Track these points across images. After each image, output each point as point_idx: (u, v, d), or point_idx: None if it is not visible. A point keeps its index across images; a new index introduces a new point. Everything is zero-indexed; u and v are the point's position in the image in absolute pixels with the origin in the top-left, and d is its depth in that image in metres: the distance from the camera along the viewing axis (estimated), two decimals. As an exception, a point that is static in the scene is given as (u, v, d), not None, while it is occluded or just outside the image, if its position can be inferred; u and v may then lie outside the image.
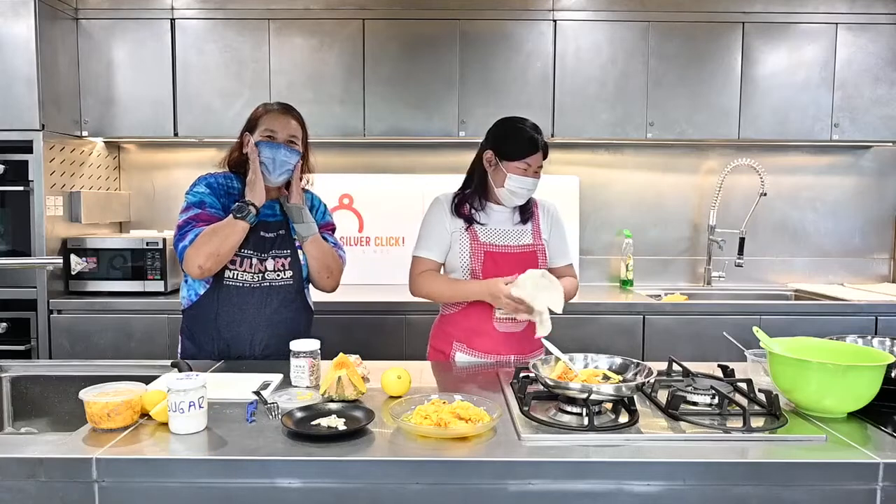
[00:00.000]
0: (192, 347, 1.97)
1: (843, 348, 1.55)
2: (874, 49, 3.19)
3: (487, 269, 1.97)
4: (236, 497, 1.18)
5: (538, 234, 2.05)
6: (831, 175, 3.57)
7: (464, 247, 2.00)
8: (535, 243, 2.03)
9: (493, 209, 2.05)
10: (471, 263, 1.98)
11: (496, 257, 1.98)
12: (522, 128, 1.99)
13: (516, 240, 2.02)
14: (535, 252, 2.02)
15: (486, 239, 2.00)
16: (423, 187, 3.46)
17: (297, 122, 1.98)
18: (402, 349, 2.84)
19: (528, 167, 1.96)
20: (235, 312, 1.91)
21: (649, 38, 3.16)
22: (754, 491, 1.18)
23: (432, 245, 2.03)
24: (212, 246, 1.79)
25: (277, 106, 1.99)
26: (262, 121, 1.94)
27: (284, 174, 1.93)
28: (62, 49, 3.01)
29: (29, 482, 1.17)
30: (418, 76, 3.15)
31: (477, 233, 2.01)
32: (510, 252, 2.00)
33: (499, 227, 2.03)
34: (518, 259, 1.99)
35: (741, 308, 2.95)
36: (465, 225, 2.01)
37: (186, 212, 1.89)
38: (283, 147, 1.90)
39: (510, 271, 1.92)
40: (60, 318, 2.89)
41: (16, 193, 2.85)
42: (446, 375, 1.84)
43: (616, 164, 3.56)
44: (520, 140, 1.97)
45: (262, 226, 1.93)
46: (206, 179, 1.96)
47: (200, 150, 3.50)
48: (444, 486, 1.18)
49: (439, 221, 2.03)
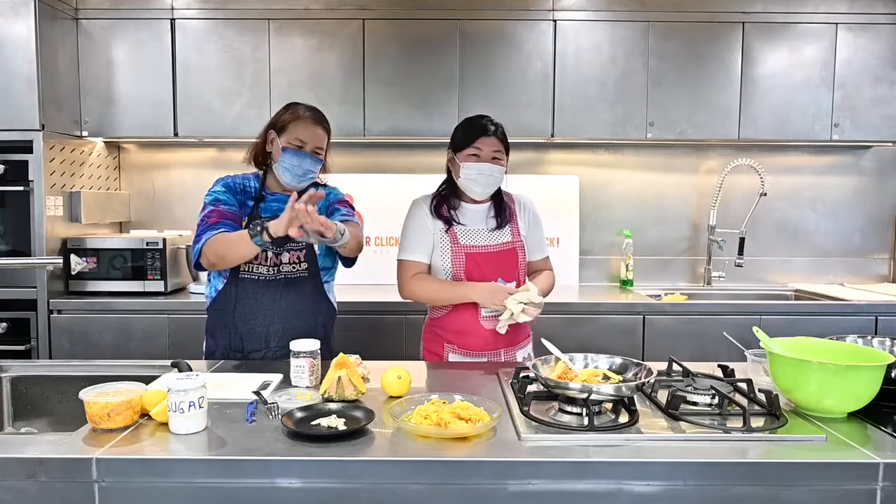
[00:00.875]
0: (213, 344, 2.00)
1: (843, 348, 1.54)
2: (874, 49, 3.19)
3: (470, 271, 1.99)
4: (236, 497, 1.18)
5: (517, 230, 2.06)
6: (831, 175, 3.57)
7: (445, 249, 2.01)
8: (513, 240, 2.05)
9: (467, 208, 2.06)
10: (452, 266, 2.00)
11: (477, 258, 2.00)
12: (471, 118, 2.03)
13: (495, 238, 2.03)
14: (515, 249, 2.04)
15: (466, 241, 2.01)
16: (423, 187, 3.45)
17: (325, 132, 2.02)
18: (402, 349, 2.83)
19: (480, 151, 1.96)
20: (251, 305, 1.94)
21: (649, 38, 3.16)
22: (754, 491, 1.18)
23: (418, 247, 2.04)
24: (220, 248, 1.83)
25: (309, 114, 1.99)
26: (293, 127, 1.96)
27: (307, 181, 1.99)
28: (62, 49, 3.01)
29: (29, 482, 1.17)
30: (418, 76, 3.15)
31: (457, 235, 2.02)
32: (490, 252, 2.01)
33: (476, 226, 2.04)
34: (498, 258, 2.01)
35: (741, 308, 2.95)
36: (444, 227, 2.02)
37: (203, 211, 1.95)
38: (309, 157, 1.95)
39: (491, 271, 1.98)
40: (60, 318, 2.89)
41: (16, 193, 2.85)
42: (446, 375, 1.84)
43: (616, 164, 3.56)
44: (466, 128, 2.01)
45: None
46: (224, 179, 2.02)
47: (200, 150, 3.50)
48: (444, 486, 1.18)
49: (421, 223, 2.05)
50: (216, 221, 1.89)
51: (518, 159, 3.53)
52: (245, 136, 3.12)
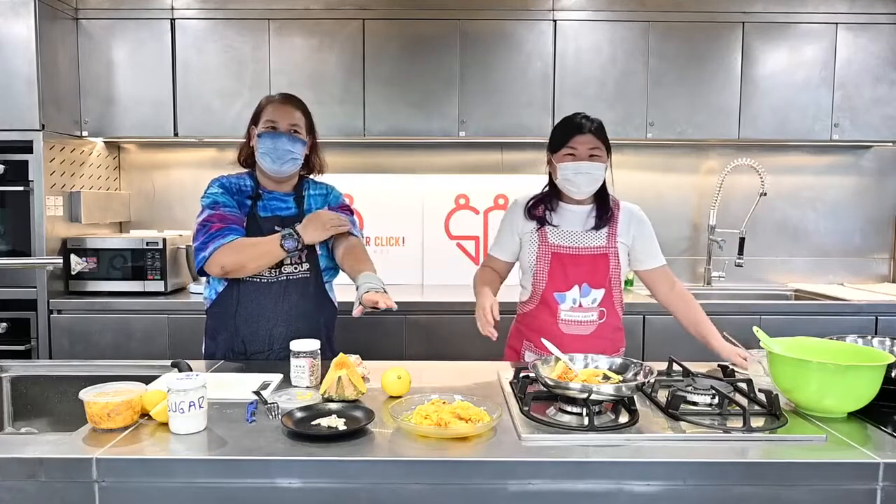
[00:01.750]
0: (212, 346, 1.99)
1: (843, 348, 1.55)
2: (874, 49, 3.19)
3: (554, 270, 1.98)
4: (236, 497, 1.18)
5: (613, 235, 2.00)
6: (831, 175, 3.57)
7: (532, 247, 2.01)
8: (607, 245, 1.98)
9: (566, 209, 2.03)
10: (535, 264, 2.00)
11: (563, 259, 1.97)
12: (566, 117, 2.01)
13: (588, 241, 1.98)
14: (608, 254, 1.98)
15: (556, 241, 1.99)
16: (423, 187, 3.47)
17: (301, 112, 1.98)
18: (402, 349, 2.83)
19: (575, 150, 1.93)
20: (253, 308, 1.92)
21: (649, 38, 3.16)
22: (754, 491, 1.18)
23: (501, 245, 2.10)
24: (242, 258, 1.82)
25: (279, 96, 2.00)
26: (265, 112, 1.96)
27: (289, 163, 1.93)
28: (62, 49, 3.01)
29: (29, 482, 1.17)
30: (418, 76, 3.15)
31: (547, 234, 2.00)
32: (580, 254, 1.98)
33: (571, 227, 2.00)
34: (588, 261, 1.97)
35: (741, 308, 2.95)
36: (536, 226, 2.01)
37: (201, 215, 1.91)
38: (285, 136, 1.91)
39: (576, 273, 1.96)
40: (60, 318, 2.89)
41: (16, 193, 2.85)
42: (446, 375, 1.84)
43: (616, 164, 3.50)
44: (561, 127, 2.00)
45: (278, 220, 1.95)
46: (220, 180, 1.99)
47: (200, 150, 3.50)
48: (443, 486, 1.18)
49: (510, 223, 2.07)
50: (221, 227, 1.85)
51: (518, 159, 3.54)
52: (245, 136, 3.14)
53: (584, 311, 1.97)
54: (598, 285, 1.98)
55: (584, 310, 1.97)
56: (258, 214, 1.95)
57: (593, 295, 1.98)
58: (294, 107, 1.97)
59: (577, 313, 1.97)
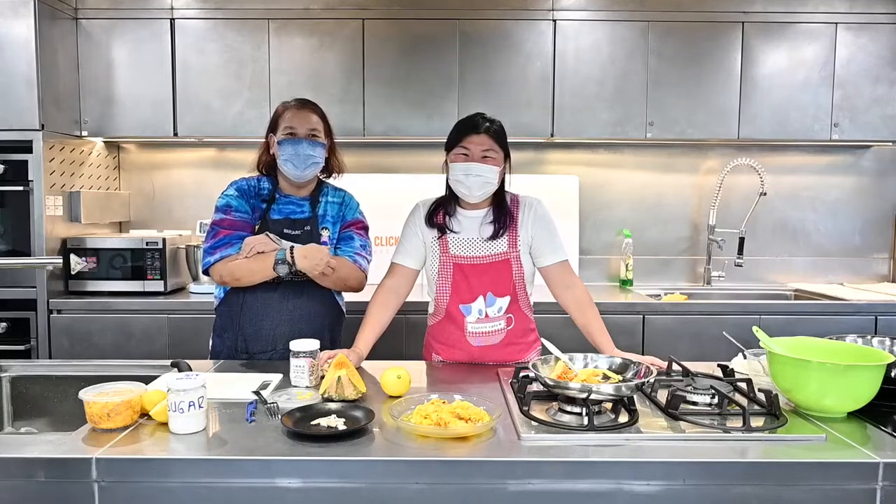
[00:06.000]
0: (219, 344, 2.01)
1: (843, 348, 1.55)
2: (874, 49, 3.19)
3: (457, 282, 1.91)
4: (236, 497, 1.18)
5: (514, 240, 1.91)
6: (831, 175, 3.57)
7: (434, 258, 1.94)
8: (508, 251, 1.91)
9: (463, 214, 1.95)
10: (439, 277, 1.93)
11: (465, 270, 1.91)
12: (466, 116, 1.93)
13: (488, 249, 1.91)
14: (510, 260, 1.91)
15: (456, 251, 1.92)
16: (423, 187, 3.42)
17: (318, 116, 2.02)
18: (402, 349, 2.83)
19: (468, 150, 1.84)
20: (258, 308, 1.95)
21: (649, 38, 3.16)
22: (754, 491, 1.18)
23: (406, 251, 1.99)
24: (238, 273, 1.89)
25: (294, 102, 2.03)
26: (282, 119, 1.99)
27: (311, 167, 1.97)
28: (62, 49, 3.01)
29: (29, 482, 1.18)
30: (418, 76, 3.15)
31: (448, 244, 1.93)
32: (481, 263, 1.91)
33: (470, 235, 1.92)
34: (490, 269, 1.90)
35: (741, 308, 2.95)
36: (437, 234, 1.94)
37: (215, 215, 1.97)
38: (305, 141, 1.94)
39: (480, 283, 1.90)
40: (60, 317, 2.89)
41: (16, 193, 2.85)
42: (446, 375, 1.84)
43: (616, 164, 3.56)
44: (456, 127, 1.91)
45: (288, 223, 1.98)
46: (238, 183, 2.03)
47: (200, 150, 3.50)
48: (443, 486, 1.19)
49: (413, 230, 1.99)
50: (228, 234, 1.91)
51: (518, 159, 3.50)
52: (245, 136, 3.14)
53: (490, 322, 1.91)
54: (503, 293, 1.91)
55: (490, 320, 1.91)
56: (269, 217, 1.98)
57: (499, 303, 1.91)
58: (311, 111, 2.01)
59: (483, 324, 1.91)
